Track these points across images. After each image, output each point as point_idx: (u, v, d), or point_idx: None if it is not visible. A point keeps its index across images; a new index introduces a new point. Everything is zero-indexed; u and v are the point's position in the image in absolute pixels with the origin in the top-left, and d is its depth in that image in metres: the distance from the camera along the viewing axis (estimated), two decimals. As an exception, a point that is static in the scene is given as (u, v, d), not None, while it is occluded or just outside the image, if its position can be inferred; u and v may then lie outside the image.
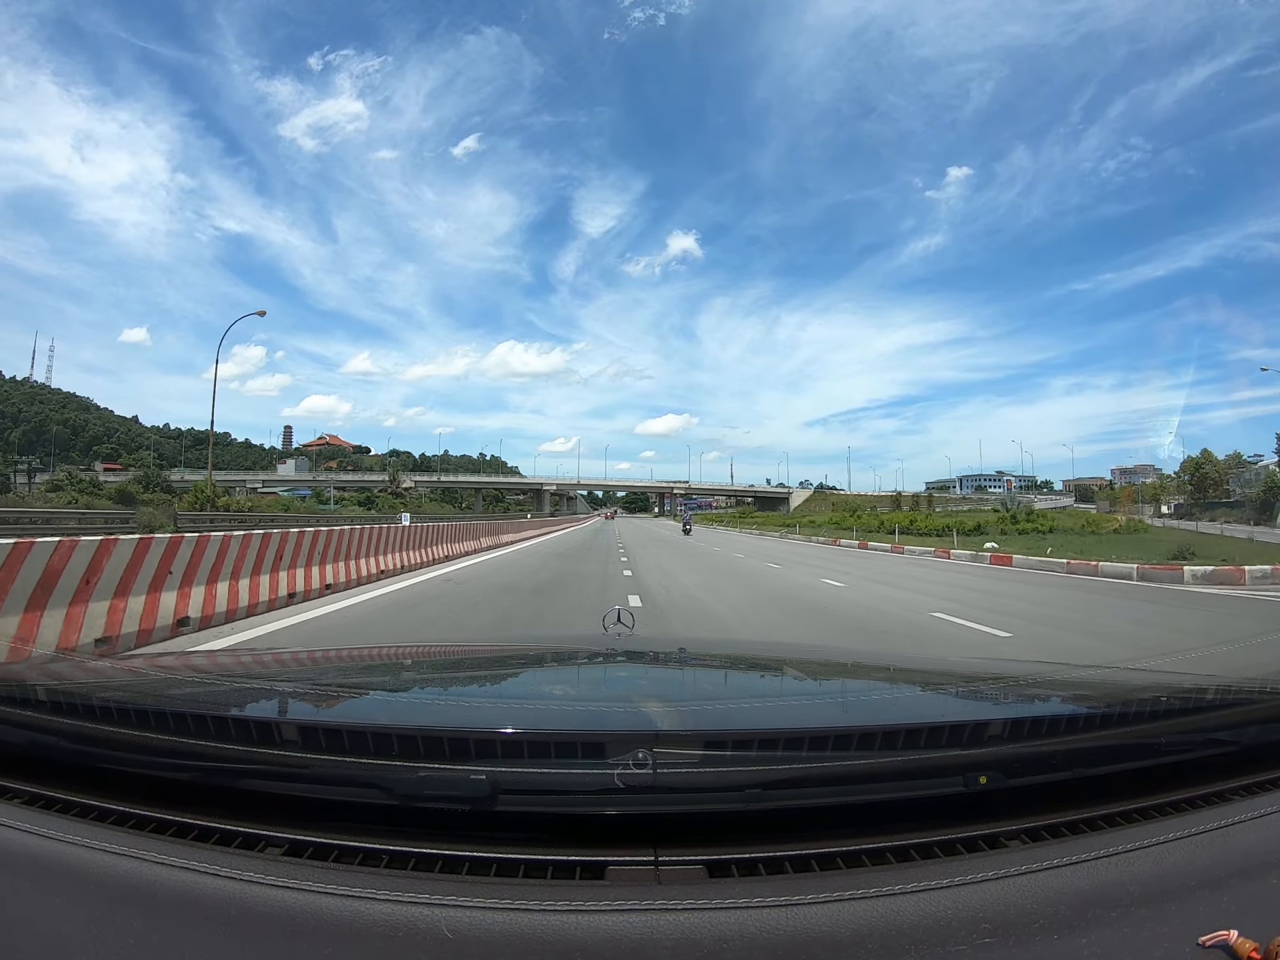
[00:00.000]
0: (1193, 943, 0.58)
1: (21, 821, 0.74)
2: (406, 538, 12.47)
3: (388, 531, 11.62)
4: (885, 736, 0.84)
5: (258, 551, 7.19)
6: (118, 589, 5.15)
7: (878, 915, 0.60)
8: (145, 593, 5.44)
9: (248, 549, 7.00)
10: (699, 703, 1.31)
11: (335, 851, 0.70)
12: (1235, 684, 1.14)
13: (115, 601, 5.11)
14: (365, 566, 10.09)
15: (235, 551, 6.77)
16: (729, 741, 0.83)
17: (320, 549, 8.71)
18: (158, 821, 0.75)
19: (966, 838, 0.73)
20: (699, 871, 0.68)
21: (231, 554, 6.70)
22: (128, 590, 5.25)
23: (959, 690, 1.38)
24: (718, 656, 1.95)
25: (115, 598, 5.11)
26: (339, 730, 0.84)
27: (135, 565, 5.36)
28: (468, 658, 1.94)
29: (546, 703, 1.26)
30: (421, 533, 13.71)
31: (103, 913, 0.61)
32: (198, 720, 0.85)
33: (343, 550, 9.41)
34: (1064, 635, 7.34)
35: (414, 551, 12.75)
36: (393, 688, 1.39)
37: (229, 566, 6.64)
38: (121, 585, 5.19)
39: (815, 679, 1.65)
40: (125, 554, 5.27)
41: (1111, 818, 0.77)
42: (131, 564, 5.32)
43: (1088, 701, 1.21)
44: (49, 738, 0.86)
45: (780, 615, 8.43)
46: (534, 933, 0.58)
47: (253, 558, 7.08)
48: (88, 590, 4.85)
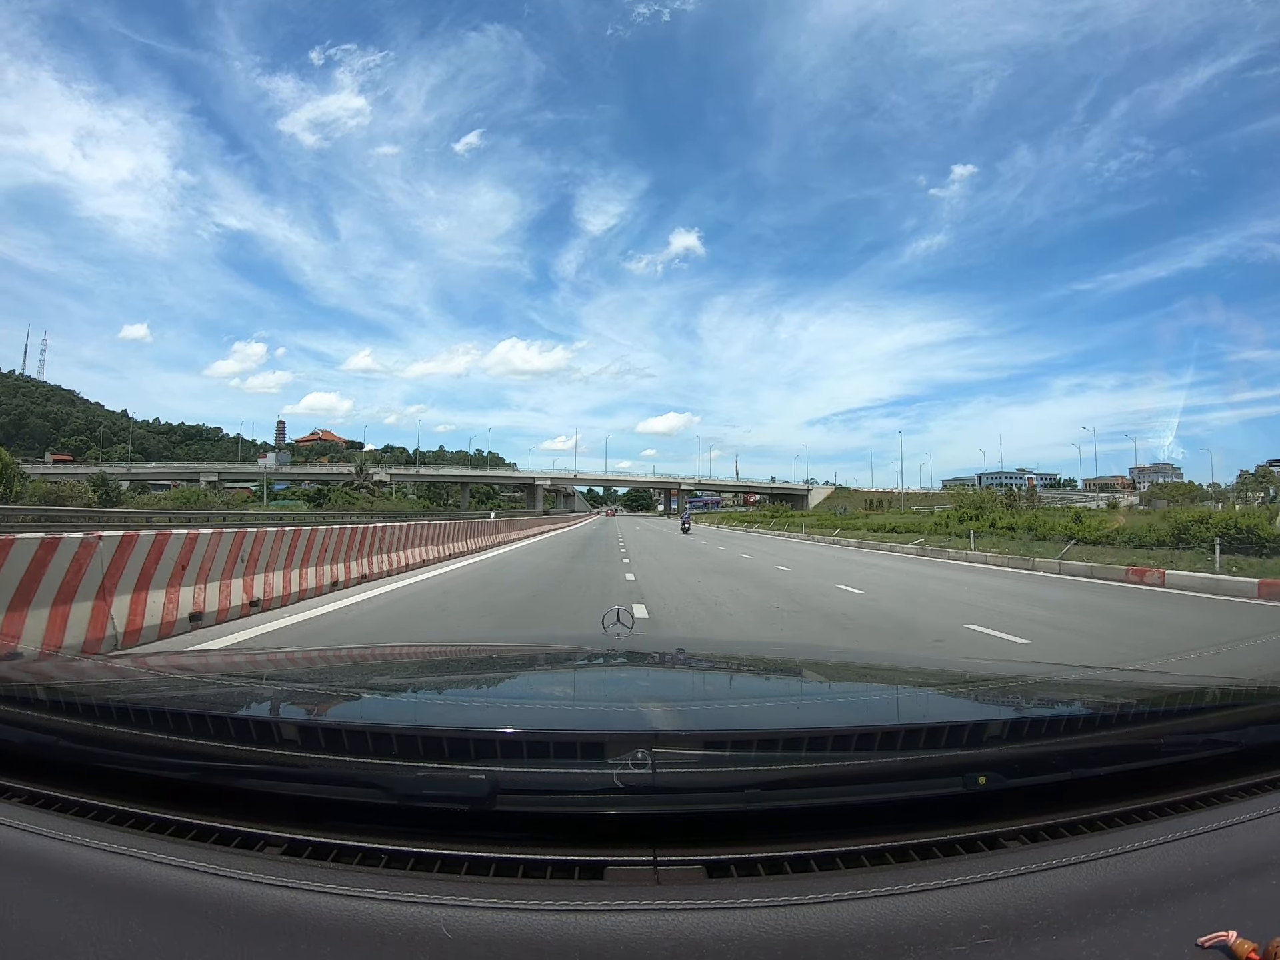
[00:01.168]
0: (1192, 943, 0.58)
1: (21, 820, 0.74)
2: (309, 547, 8.64)
3: (279, 539, 7.93)
4: (884, 737, 0.84)
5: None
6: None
7: (877, 916, 0.60)
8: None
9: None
10: (698, 703, 1.31)
11: (334, 851, 0.70)
12: (1234, 685, 1.14)
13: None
14: (197, 596, 6.33)
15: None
16: (728, 742, 0.83)
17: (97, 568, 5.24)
18: (157, 821, 0.75)
19: (966, 838, 0.73)
20: (698, 872, 0.68)
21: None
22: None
23: (958, 690, 1.38)
24: (717, 657, 1.95)
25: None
26: (338, 730, 0.84)
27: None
28: (467, 658, 1.94)
29: (546, 703, 1.26)
30: (333, 541, 9.35)
31: (102, 912, 0.61)
32: (197, 720, 0.85)
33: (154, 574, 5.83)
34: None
35: (317, 568, 8.75)
36: (392, 687, 1.39)
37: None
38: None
39: (815, 679, 1.65)
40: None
41: (1111, 818, 0.77)
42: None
43: (1087, 702, 1.21)
44: (48, 737, 0.86)
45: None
46: (533, 932, 0.58)
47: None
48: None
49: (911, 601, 10.04)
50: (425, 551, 13.90)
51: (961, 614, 8.60)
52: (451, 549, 15.89)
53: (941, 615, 8.61)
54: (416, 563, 12.98)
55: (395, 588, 9.98)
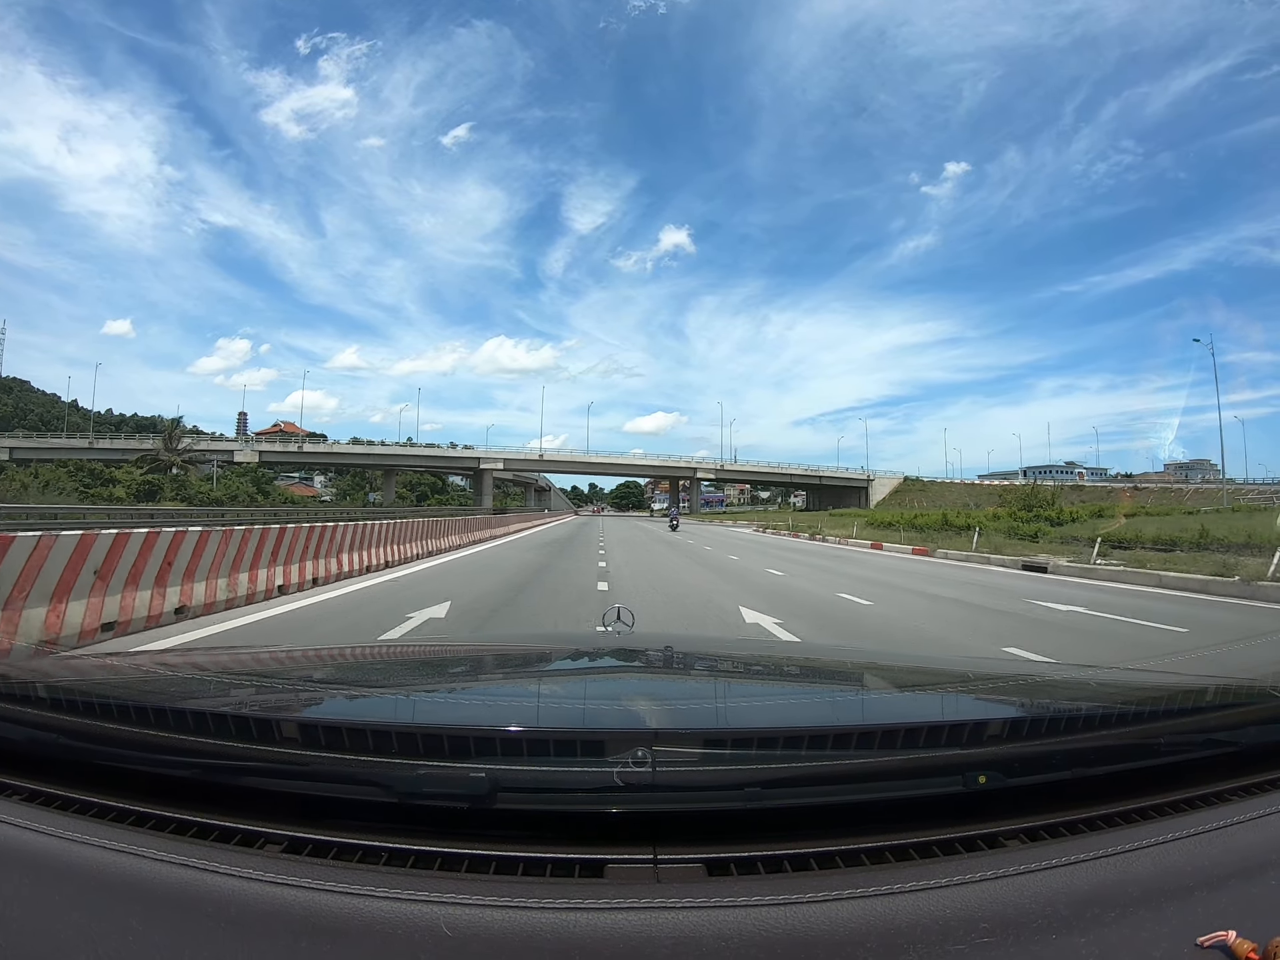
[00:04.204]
0: (1191, 943, 0.58)
1: (21, 818, 0.74)
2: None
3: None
4: (885, 735, 0.84)
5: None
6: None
7: (876, 914, 0.60)
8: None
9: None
10: (698, 701, 1.31)
11: (334, 849, 0.70)
12: (1234, 684, 1.14)
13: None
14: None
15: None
16: (728, 740, 0.83)
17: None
18: (157, 818, 0.75)
19: (965, 837, 0.73)
20: (698, 870, 0.68)
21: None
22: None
23: (959, 690, 1.38)
24: (718, 656, 1.95)
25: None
26: (339, 728, 0.84)
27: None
28: (467, 656, 1.94)
29: (546, 701, 1.26)
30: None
31: (102, 909, 0.61)
32: (198, 717, 0.85)
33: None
34: None
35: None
36: (393, 686, 1.39)
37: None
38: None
39: (815, 678, 1.65)
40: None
41: (1110, 818, 0.77)
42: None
43: (1087, 702, 1.21)
44: (49, 734, 0.86)
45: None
46: (533, 930, 0.58)
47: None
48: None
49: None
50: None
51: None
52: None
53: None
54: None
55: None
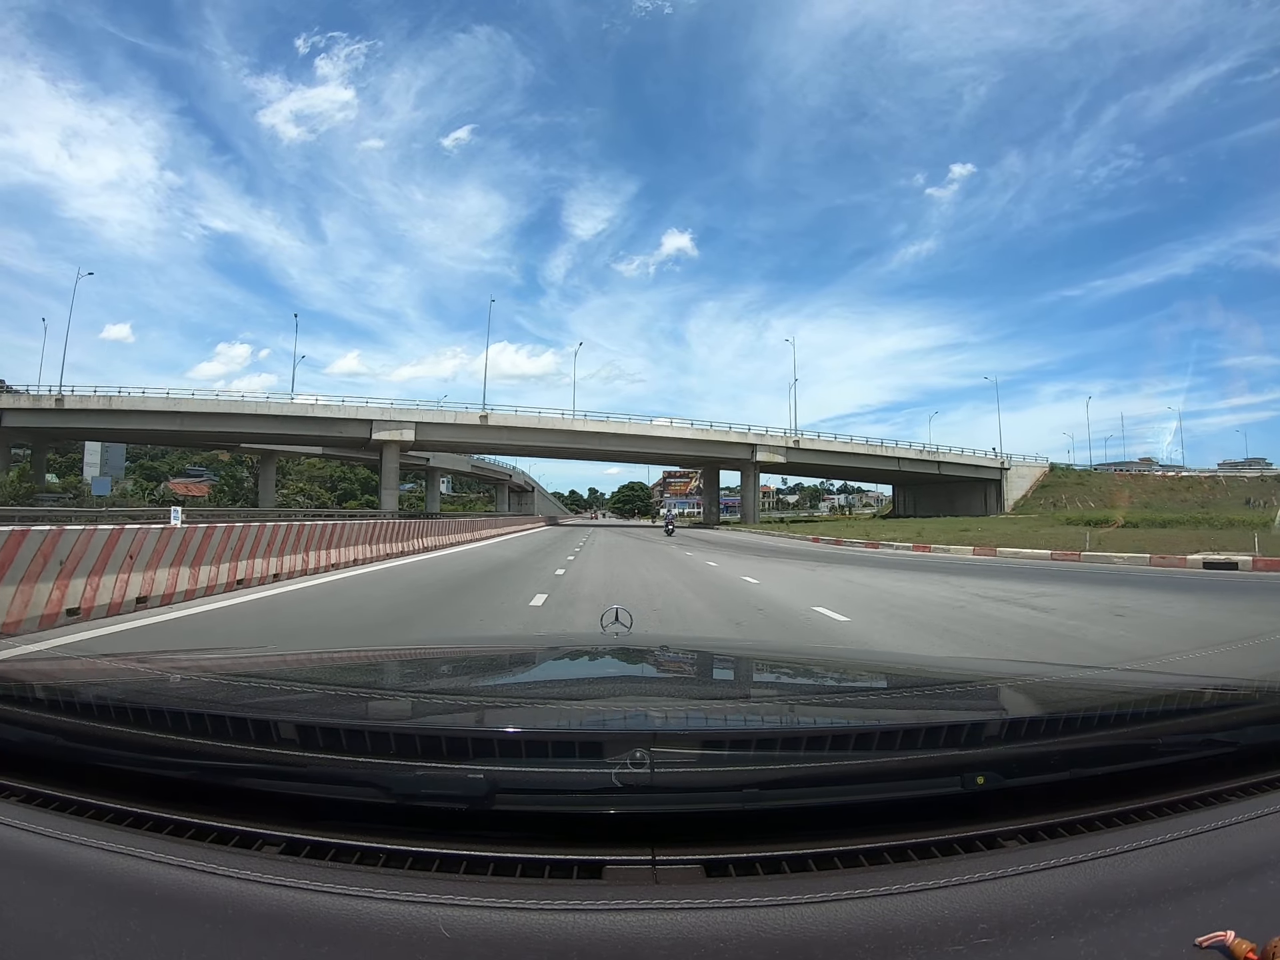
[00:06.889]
0: (1190, 943, 0.58)
1: (18, 819, 0.74)
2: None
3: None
4: (883, 736, 0.84)
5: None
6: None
7: (875, 915, 0.60)
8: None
9: None
10: (696, 702, 1.31)
11: (332, 850, 0.70)
12: (1233, 685, 1.14)
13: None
14: None
15: None
16: (726, 741, 0.83)
17: None
18: (155, 820, 0.74)
19: (964, 838, 0.73)
20: (696, 871, 0.68)
21: None
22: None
23: (957, 690, 1.38)
24: (716, 657, 1.95)
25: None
26: (336, 729, 0.83)
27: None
28: (465, 657, 1.94)
29: (544, 702, 1.26)
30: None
31: (100, 911, 0.61)
32: (195, 719, 0.85)
33: None
34: None
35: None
36: (391, 687, 1.39)
37: None
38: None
39: (813, 679, 1.65)
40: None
41: (1109, 818, 0.77)
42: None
43: (1085, 702, 1.21)
44: (47, 735, 0.86)
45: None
46: (531, 932, 0.58)
47: None
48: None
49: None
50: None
51: None
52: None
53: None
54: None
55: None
